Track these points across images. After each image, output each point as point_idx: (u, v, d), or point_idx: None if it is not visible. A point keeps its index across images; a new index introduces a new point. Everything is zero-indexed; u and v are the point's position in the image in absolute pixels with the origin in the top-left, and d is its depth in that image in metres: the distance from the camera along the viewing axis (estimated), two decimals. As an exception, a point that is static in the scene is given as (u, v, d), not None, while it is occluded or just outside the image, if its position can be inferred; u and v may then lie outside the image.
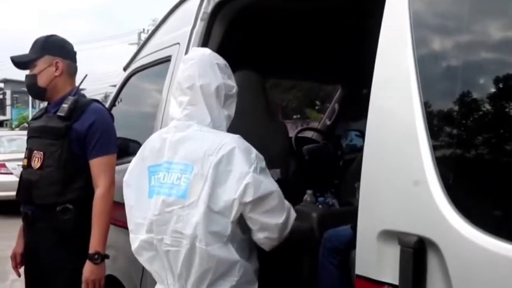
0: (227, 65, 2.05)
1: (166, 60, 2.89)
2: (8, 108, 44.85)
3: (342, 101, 4.62)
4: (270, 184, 1.83)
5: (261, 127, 2.85)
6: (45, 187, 2.50)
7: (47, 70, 2.60)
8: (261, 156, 1.88)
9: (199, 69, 1.92)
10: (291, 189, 3.20)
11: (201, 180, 1.77)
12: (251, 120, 2.79)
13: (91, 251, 2.45)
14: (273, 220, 1.84)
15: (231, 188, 1.76)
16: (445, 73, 1.45)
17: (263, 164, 1.88)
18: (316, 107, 18.97)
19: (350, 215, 2.83)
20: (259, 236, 1.87)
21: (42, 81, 2.61)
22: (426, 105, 1.37)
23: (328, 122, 4.72)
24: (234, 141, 1.82)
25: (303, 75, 4.79)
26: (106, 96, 18.32)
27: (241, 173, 1.76)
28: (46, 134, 2.56)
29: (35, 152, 2.55)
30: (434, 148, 1.32)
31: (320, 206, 2.98)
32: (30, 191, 2.54)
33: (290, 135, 4.23)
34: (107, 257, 2.52)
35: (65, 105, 2.54)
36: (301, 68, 4.04)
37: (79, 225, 2.49)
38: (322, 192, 3.17)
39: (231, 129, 2.27)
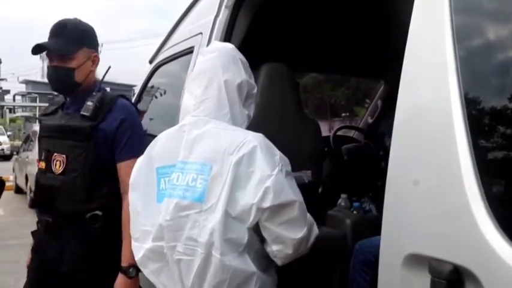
0: (247, 63, 1.89)
1: (189, 51, 2.71)
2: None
3: (385, 97, 4.32)
4: (292, 192, 1.63)
5: (290, 124, 2.62)
6: (70, 193, 2.27)
7: (85, 64, 2.34)
8: (285, 158, 1.70)
9: (221, 62, 1.79)
10: (324, 193, 3.01)
11: (220, 182, 1.61)
12: (278, 116, 2.56)
13: (124, 263, 2.23)
14: (290, 234, 1.64)
15: (250, 191, 1.59)
16: (493, 67, 1.17)
17: (288, 167, 1.70)
18: (366, 105, 18.57)
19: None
20: (272, 248, 1.67)
21: (80, 76, 2.32)
22: (468, 106, 1.11)
23: (370, 120, 4.44)
24: (257, 140, 1.65)
25: (340, 70, 4.50)
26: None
27: (262, 175, 1.59)
28: (68, 135, 2.31)
29: (56, 154, 2.30)
30: (477, 158, 1.05)
31: (355, 212, 2.74)
32: (53, 198, 2.30)
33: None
34: (140, 270, 2.21)
35: (90, 104, 2.29)
36: (337, 62, 3.76)
37: (108, 235, 2.27)
38: (359, 196, 2.93)
39: (255, 125, 2.12)
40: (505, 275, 0.94)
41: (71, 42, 2.29)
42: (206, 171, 1.64)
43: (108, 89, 2.54)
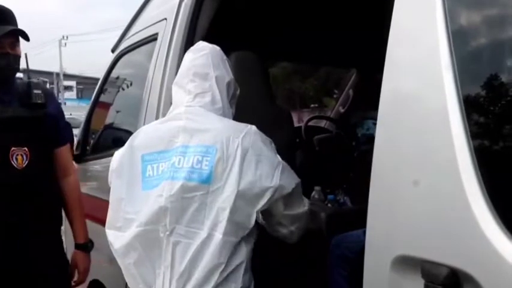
0: None
1: (153, 39, 2.55)
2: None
3: (357, 86, 4.23)
4: (293, 173, 1.78)
5: (261, 114, 2.49)
6: (40, 187, 2.23)
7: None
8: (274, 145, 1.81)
9: (212, 60, 1.86)
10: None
11: (226, 164, 1.64)
12: (249, 106, 2.43)
13: (81, 240, 2.43)
14: (301, 208, 1.82)
15: (266, 176, 1.65)
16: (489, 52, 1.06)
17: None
18: (335, 96, 18.62)
19: (363, 215, 2.52)
20: (291, 229, 1.81)
21: (19, 64, 2.30)
22: (463, 91, 1.00)
23: (342, 110, 4.35)
24: (256, 130, 1.75)
25: (311, 58, 4.39)
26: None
27: (272, 162, 1.69)
28: (22, 126, 2.23)
29: (14, 148, 2.18)
30: (475, 146, 0.94)
31: (329, 205, 2.65)
32: (17, 196, 2.19)
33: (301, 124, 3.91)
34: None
35: (38, 91, 2.28)
36: (309, 50, 3.65)
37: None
38: (333, 188, 2.85)
39: None
40: (508, 278, 0.84)
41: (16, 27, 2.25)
42: (212, 153, 1.65)
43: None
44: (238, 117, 2.21)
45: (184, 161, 1.67)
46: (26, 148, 2.19)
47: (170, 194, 1.64)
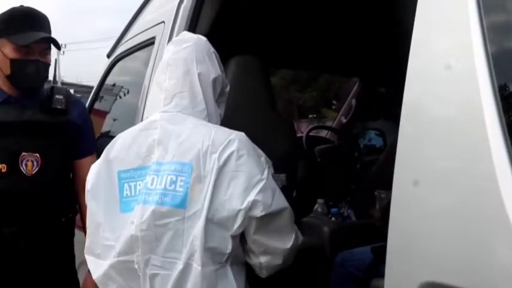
0: (219, 59, 1.72)
1: (150, 43, 2.44)
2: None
3: (359, 96, 4.12)
4: (282, 198, 1.50)
5: (263, 123, 2.37)
6: (49, 196, 2.10)
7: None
8: (269, 160, 1.54)
9: (196, 54, 1.61)
10: (299, 198, 2.78)
11: (203, 184, 1.42)
12: (250, 115, 2.31)
13: None
14: (281, 244, 1.50)
15: (238, 196, 1.41)
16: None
17: (272, 170, 1.54)
18: (333, 107, 18.57)
19: (369, 230, 2.39)
20: (260, 260, 1.51)
21: (48, 72, 2.21)
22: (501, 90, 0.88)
23: (344, 120, 4.24)
24: (242, 139, 1.49)
25: (314, 65, 4.28)
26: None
27: (251, 178, 1.43)
28: (38, 131, 2.11)
29: (25, 154, 2.06)
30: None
31: (333, 219, 2.53)
32: (25, 204, 2.07)
33: (302, 134, 3.80)
34: None
35: (60, 96, 2.15)
36: (311, 57, 3.54)
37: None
38: (336, 201, 2.73)
39: (223, 124, 1.91)
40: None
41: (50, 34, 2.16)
42: (187, 171, 1.44)
43: (71, 91, 2.42)
44: (237, 124, 2.09)
45: (158, 181, 1.45)
46: (37, 154, 2.06)
47: (141, 221, 1.44)
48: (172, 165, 1.45)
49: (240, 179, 1.41)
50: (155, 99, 1.60)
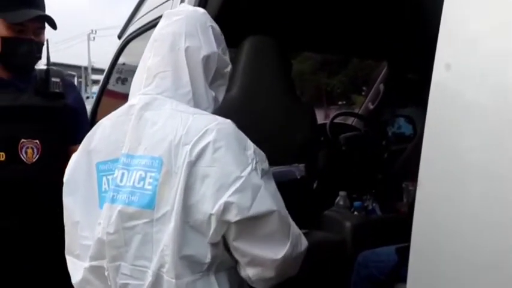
0: (222, 35, 1.48)
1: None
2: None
3: (388, 81, 3.88)
4: (270, 198, 1.21)
5: (280, 109, 2.19)
6: (50, 185, 1.96)
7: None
8: (261, 153, 1.28)
9: (186, 27, 1.38)
10: (319, 190, 2.60)
11: (173, 182, 1.21)
12: (265, 99, 2.13)
13: None
14: (269, 253, 1.23)
15: (210, 197, 1.18)
16: None
17: (265, 165, 1.27)
18: (363, 93, 18.26)
19: (395, 226, 2.19)
20: (248, 273, 1.27)
21: (41, 52, 2.10)
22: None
23: (371, 106, 4.02)
24: (224, 128, 1.24)
25: (340, 49, 4.05)
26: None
27: (226, 176, 1.19)
28: (37, 117, 2.01)
29: (24, 140, 1.96)
30: None
31: (356, 213, 2.34)
32: (25, 194, 1.97)
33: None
34: None
35: (56, 79, 2.07)
36: (336, 40, 3.31)
37: None
38: (360, 193, 2.53)
39: (236, 109, 1.88)
40: None
41: (44, 11, 2.05)
42: (156, 167, 1.23)
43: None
44: (250, 112, 1.91)
45: (127, 178, 1.27)
46: (37, 141, 1.98)
47: (109, 223, 1.26)
48: (143, 159, 1.26)
49: (213, 176, 1.18)
50: (138, 79, 1.40)
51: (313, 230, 2.21)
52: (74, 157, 1.42)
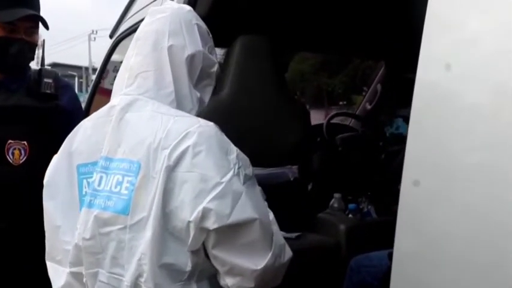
0: (210, 33, 1.44)
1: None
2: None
3: (385, 80, 3.82)
4: (251, 206, 1.17)
5: (272, 109, 2.14)
6: (38, 188, 1.94)
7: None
8: (245, 158, 1.25)
9: (170, 25, 1.35)
10: (314, 192, 2.56)
11: (150, 187, 1.17)
12: (257, 99, 2.09)
13: None
14: (249, 263, 1.18)
15: (188, 203, 1.14)
16: None
17: (248, 170, 1.23)
18: (364, 93, 18.20)
19: (390, 229, 2.15)
20: (227, 282, 1.22)
21: (34, 52, 2.09)
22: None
23: (369, 107, 3.96)
24: (205, 131, 1.20)
25: (336, 49, 3.99)
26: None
27: (205, 182, 1.14)
28: (27, 117, 1.99)
29: (11, 141, 1.94)
30: None
31: (350, 215, 2.30)
32: (12, 197, 1.94)
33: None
34: None
35: (49, 80, 2.04)
36: (331, 39, 3.25)
37: None
38: (355, 195, 2.48)
39: (225, 110, 1.89)
40: None
41: (39, 12, 2.02)
42: (134, 171, 1.20)
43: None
44: (240, 113, 1.87)
45: (105, 182, 1.23)
46: (25, 142, 1.95)
47: (85, 228, 1.23)
48: (121, 163, 1.22)
49: (192, 182, 1.14)
50: (120, 79, 1.36)
51: (307, 233, 2.18)
52: (55, 159, 1.38)
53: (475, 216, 0.85)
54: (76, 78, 31.92)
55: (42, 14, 2.01)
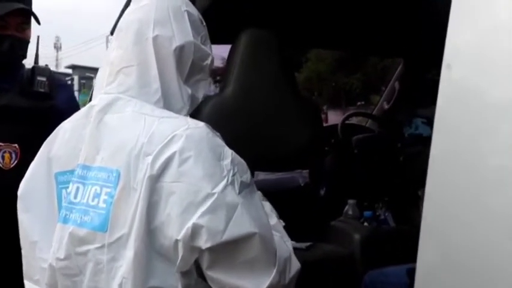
0: (203, 21, 1.28)
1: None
2: (76, 94, 47.14)
3: (404, 78, 3.66)
4: (249, 219, 1.01)
5: (280, 109, 1.99)
6: None
7: None
8: (242, 162, 1.09)
9: (156, 13, 1.19)
10: (326, 198, 2.42)
11: (132, 199, 1.02)
12: (264, 98, 1.94)
13: None
14: (250, 284, 1.02)
15: (176, 219, 0.99)
16: None
17: (246, 176, 1.07)
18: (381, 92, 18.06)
19: (409, 238, 1.99)
20: None
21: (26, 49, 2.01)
22: None
23: (386, 106, 3.80)
24: (195, 134, 1.05)
25: (350, 45, 3.83)
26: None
27: (194, 193, 0.99)
28: (19, 119, 1.91)
29: (2, 144, 1.87)
30: None
31: (366, 224, 2.15)
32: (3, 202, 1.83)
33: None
34: None
35: (42, 78, 1.95)
36: (345, 35, 3.09)
37: None
38: (372, 201, 2.35)
39: (230, 111, 1.78)
40: None
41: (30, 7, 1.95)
42: (113, 181, 1.04)
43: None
44: (245, 113, 1.73)
45: (81, 193, 1.08)
46: (16, 145, 1.87)
47: (59, 247, 1.08)
48: (99, 172, 1.07)
49: (179, 194, 0.98)
50: (101, 76, 1.21)
51: (319, 243, 2.04)
52: (31, 167, 1.24)
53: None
54: (94, 80, 32.29)
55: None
